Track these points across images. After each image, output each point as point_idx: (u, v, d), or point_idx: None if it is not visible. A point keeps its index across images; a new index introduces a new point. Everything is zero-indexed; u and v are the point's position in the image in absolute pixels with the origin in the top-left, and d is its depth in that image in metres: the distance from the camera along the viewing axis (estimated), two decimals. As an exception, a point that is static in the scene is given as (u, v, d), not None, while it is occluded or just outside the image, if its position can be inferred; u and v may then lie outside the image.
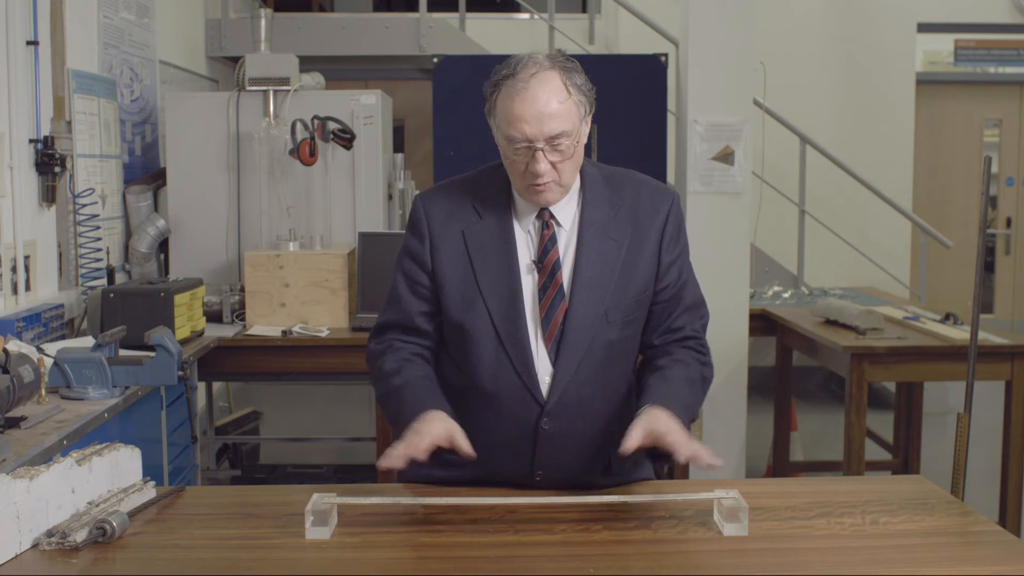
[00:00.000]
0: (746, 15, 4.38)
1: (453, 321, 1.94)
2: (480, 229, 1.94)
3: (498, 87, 1.85)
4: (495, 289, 1.91)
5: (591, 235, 1.92)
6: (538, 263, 1.92)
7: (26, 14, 3.46)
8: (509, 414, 1.90)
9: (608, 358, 1.93)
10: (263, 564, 1.57)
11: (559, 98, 1.81)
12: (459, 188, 2.00)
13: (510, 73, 1.83)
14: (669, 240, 1.96)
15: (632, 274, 1.93)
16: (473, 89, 2.13)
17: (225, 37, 6.17)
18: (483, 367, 1.91)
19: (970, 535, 1.70)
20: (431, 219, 1.97)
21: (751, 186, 4.58)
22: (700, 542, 1.66)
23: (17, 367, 2.24)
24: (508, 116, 1.82)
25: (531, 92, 1.80)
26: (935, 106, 7.87)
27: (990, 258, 8.15)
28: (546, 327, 1.90)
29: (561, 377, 1.89)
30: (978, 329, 3.09)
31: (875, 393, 5.71)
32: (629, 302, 1.93)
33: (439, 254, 1.95)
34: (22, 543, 1.58)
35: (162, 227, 4.34)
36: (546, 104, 1.80)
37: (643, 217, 1.95)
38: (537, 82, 1.81)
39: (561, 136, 1.82)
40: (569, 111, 1.83)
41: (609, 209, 1.95)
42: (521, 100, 1.80)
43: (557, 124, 1.81)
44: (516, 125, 1.81)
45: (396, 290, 2.01)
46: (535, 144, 1.81)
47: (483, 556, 1.60)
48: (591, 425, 1.93)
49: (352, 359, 3.85)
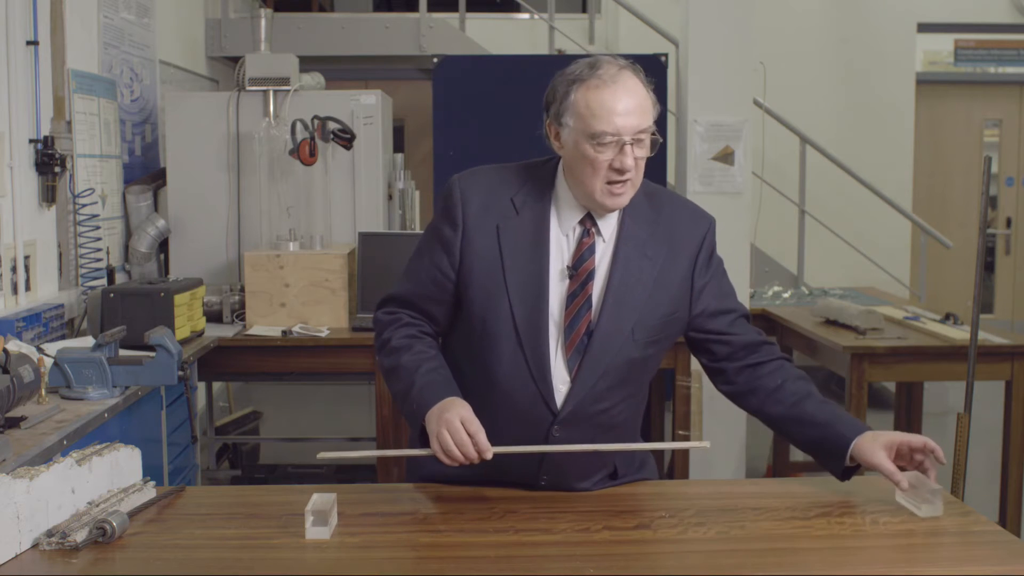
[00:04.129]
0: (746, 15, 4.37)
1: (475, 316, 1.91)
2: (515, 226, 1.90)
3: (574, 85, 1.83)
4: (521, 291, 1.87)
5: (628, 250, 1.90)
6: (572, 270, 1.89)
7: (26, 14, 3.45)
8: (521, 419, 1.88)
9: (628, 375, 1.91)
10: (263, 564, 1.57)
11: (643, 95, 1.83)
12: (499, 178, 1.95)
13: (587, 73, 1.82)
14: (701, 266, 1.95)
15: (663, 295, 1.91)
16: (473, 89, 2.13)
17: (225, 37, 6.17)
18: (500, 367, 1.88)
19: (970, 535, 1.70)
20: (467, 207, 1.91)
21: (751, 186, 4.58)
22: (700, 542, 1.66)
23: (17, 367, 2.24)
24: (596, 110, 1.79)
25: (620, 86, 1.80)
26: (935, 106, 7.87)
27: (990, 258, 8.15)
28: (568, 335, 1.87)
29: (578, 389, 1.87)
30: (978, 329, 3.08)
31: (875, 393, 5.71)
32: (656, 322, 1.91)
33: (471, 246, 1.90)
34: (22, 543, 1.58)
35: (162, 227, 4.34)
36: (634, 98, 1.81)
37: (679, 239, 1.94)
38: (624, 77, 1.82)
39: (646, 132, 1.82)
40: (650, 108, 1.85)
41: (648, 226, 1.93)
42: (611, 92, 1.79)
43: (644, 119, 1.82)
44: (607, 118, 1.79)
45: (416, 270, 1.98)
46: (624, 137, 1.80)
47: (483, 556, 1.60)
48: (602, 438, 1.90)
49: (352, 359, 3.85)
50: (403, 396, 1.89)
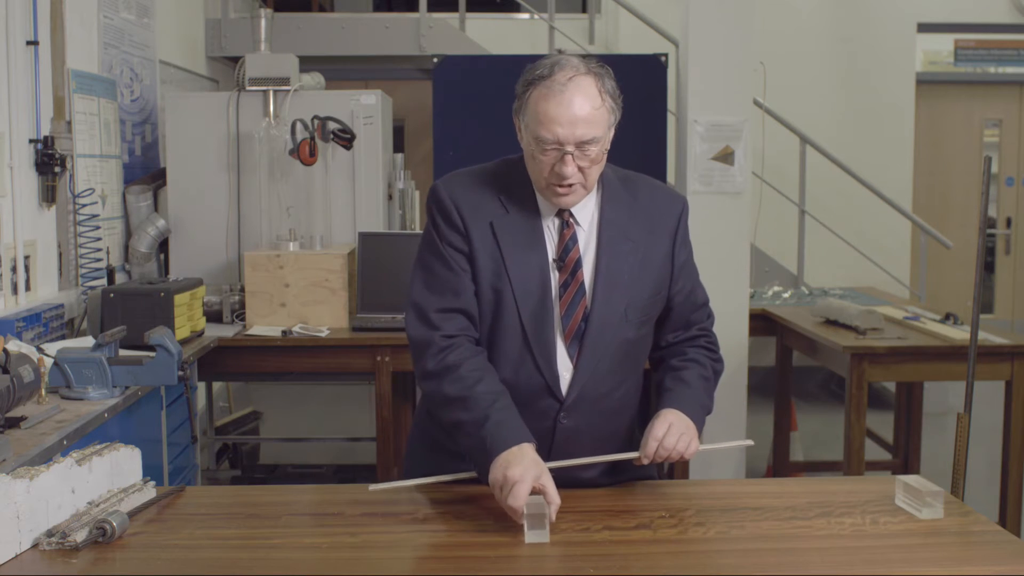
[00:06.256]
0: (746, 15, 4.37)
1: (483, 313, 1.93)
2: (508, 222, 1.92)
3: (531, 86, 1.85)
4: (525, 285, 1.91)
5: (610, 235, 1.95)
6: (559, 261, 1.93)
7: (26, 14, 3.45)
8: (529, 409, 1.90)
9: (625, 356, 1.97)
10: (263, 564, 1.57)
11: (593, 104, 1.82)
12: (480, 179, 1.97)
13: (546, 74, 1.83)
14: (680, 243, 2.01)
15: (648, 274, 1.96)
16: (473, 89, 2.14)
17: (225, 37, 6.17)
18: (505, 361, 1.92)
19: (970, 535, 1.70)
20: (460, 209, 1.92)
21: (751, 186, 4.58)
22: (700, 542, 1.66)
23: (17, 367, 2.24)
24: (541, 117, 1.82)
25: (567, 95, 1.81)
26: (935, 106, 7.87)
27: (990, 258, 8.15)
28: (566, 324, 1.92)
29: (581, 374, 1.92)
30: (978, 329, 3.08)
31: (875, 393, 5.71)
32: (646, 301, 1.97)
33: (473, 245, 1.92)
34: (22, 543, 1.58)
35: (162, 227, 4.34)
36: (580, 109, 1.81)
37: (657, 219, 1.99)
38: (574, 86, 1.81)
39: (592, 142, 1.83)
40: (601, 118, 1.84)
41: (626, 210, 1.97)
42: (557, 102, 1.81)
43: (589, 130, 1.82)
44: (549, 127, 1.81)
45: (440, 277, 1.91)
46: (565, 147, 1.82)
47: (483, 556, 1.60)
48: (606, 420, 1.97)
49: (352, 359, 3.85)
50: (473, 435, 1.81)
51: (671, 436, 1.86)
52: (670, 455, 1.87)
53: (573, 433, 1.94)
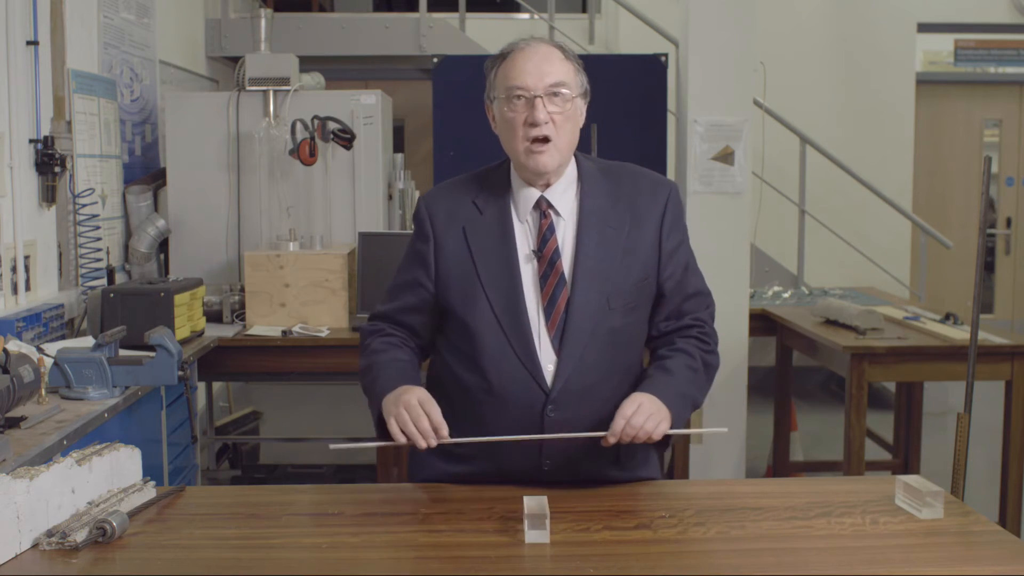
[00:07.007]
0: (746, 15, 4.37)
1: (457, 316, 1.97)
2: (480, 224, 1.98)
3: (496, 63, 1.95)
4: (495, 280, 1.94)
5: (590, 224, 1.96)
6: (537, 252, 1.95)
7: (26, 14, 3.45)
8: (515, 404, 1.91)
9: (612, 345, 1.96)
10: (263, 564, 1.57)
11: (559, 56, 1.93)
12: (461, 186, 2.05)
13: (508, 50, 1.94)
14: (669, 228, 2.00)
15: (633, 261, 1.96)
16: (473, 89, 2.16)
17: (225, 37, 6.17)
18: (487, 359, 1.93)
19: (970, 535, 1.70)
20: (434, 219, 2.01)
21: (751, 186, 4.58)
22: (700, 542, 1.66)
23: (17, 367, 2.24)
24: (509, 72, 1.92)
25: (532, 49, 1.94)
26: (935, 106, 7.87)
27: (990, 258, 8.15)
28: (549, 315, 1.93)
29: (565, 365, 1.92)
30: (978, 329, 3.08)
31: (875, 393, 5.71)
32: (631, 289, 1.96)
33: (442, 252, 1.99)
34: (22, 543, 1.58)
35: (162, 227, 4.34)
36: (546, 58, 1.91)
37: (642, 206, 1.99)
38: (536, 43, 1.94)
39: (560, 86, 1.90)
40: (568, 70, 1.93)
41: (608, 199, 1.99)
42: (523, 56, 1.92)
43: (557, 74, 1.90)
44: (518, 77, 1.90)
45: (397, 287, 2.08)
46: (534, 92, 1.88)
47: (483, 556, 1.60)
48: (597, 413, 1.91)
49: (352, 359, 3.81)
50: (368, 390, 1.99)
51: (639, 415, 1.82)
52: (637, 435, 1.82)
53: (562, 427, 1.90)
